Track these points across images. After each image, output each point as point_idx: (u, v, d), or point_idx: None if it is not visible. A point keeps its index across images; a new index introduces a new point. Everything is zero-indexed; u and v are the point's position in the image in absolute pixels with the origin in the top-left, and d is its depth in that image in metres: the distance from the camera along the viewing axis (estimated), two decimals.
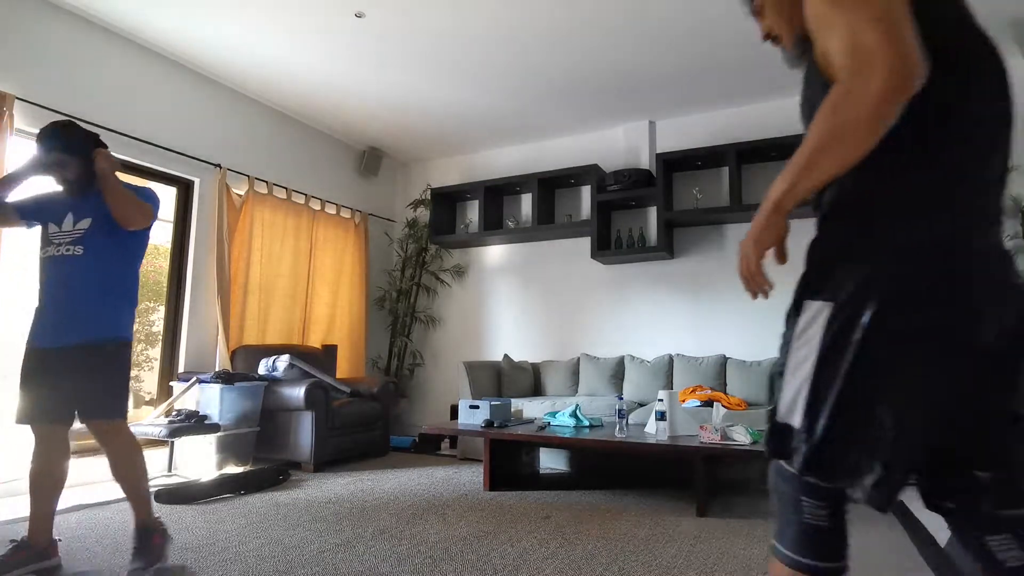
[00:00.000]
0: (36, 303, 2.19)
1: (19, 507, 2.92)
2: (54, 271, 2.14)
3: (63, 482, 2.23)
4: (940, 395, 0.85)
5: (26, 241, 3.56)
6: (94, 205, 2.15)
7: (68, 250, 2.12)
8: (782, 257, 1.06)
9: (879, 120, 0.79)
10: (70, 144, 2.14)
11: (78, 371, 2.09)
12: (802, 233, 1.17)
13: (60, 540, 2.24)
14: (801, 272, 1.01)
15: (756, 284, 1.03)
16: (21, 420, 2.14)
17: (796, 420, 0.92)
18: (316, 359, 4.57)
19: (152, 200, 2.27)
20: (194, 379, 3.76)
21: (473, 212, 5.66)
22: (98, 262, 2.13)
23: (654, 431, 3.21)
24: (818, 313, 0.92)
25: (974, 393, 0.85)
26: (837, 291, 0.90)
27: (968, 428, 0.87)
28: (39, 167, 2.18)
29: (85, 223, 2.14)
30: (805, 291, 0.98)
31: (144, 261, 2.36)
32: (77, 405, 2.12)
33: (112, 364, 2.15)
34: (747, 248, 1.01)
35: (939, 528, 2.66)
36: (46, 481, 2.19)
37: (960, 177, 0.87)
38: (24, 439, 3.40)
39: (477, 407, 3.67)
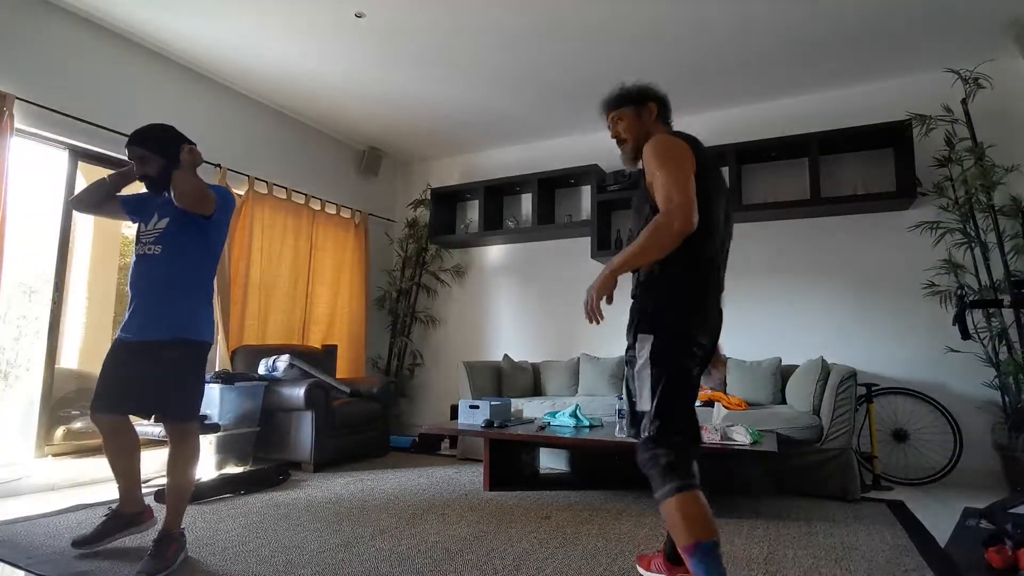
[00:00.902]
0: (128, 299, 2.30)
1: (19, 507, 2.93)
2: (139, 269, 2.26)
3: (139, 457, 2.36)
4: (685, 394, 1.75)
5: (28, 258, 3.56)
6: (172, 205, 2.24)
7: (150, 249, 2.24)
8: (610, 299, 1.71)
9: (673, 243, 1.58)
10: (151, 141, 2.27)
11: (153, 368, 2.18)
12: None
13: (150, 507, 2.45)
14: (633, 317, 1.77)
15: (594, 317, 1.68)
16: (98, 409, 2.22)
17: (646, 407, 1.66)
18: (316, 359, 4.57)
19: (220, 193, 2.34)
20: None
21: (473, 212, 5.66)
22: (173, 261, 2.23)
23: None
24: (645, 341, 1.68)
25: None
26: (656, 330, 1.68)
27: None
28: (130, 167, 2.34)
29: (164, 223, 2.25)
30: (639, 329, 1.72)
31: None
32: (153, 404, 2.23)
33: (187, 366, 2.23)
34: (592, 294, 1.67)
35: (939, 528, 2.66)
36: (123, 460, 2.32)
37: (702, 275, 1.74)
38: (25, 438, 3.41)
39: (477, 407, 3.67)
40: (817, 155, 4.10)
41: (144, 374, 2.19)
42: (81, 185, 3.62)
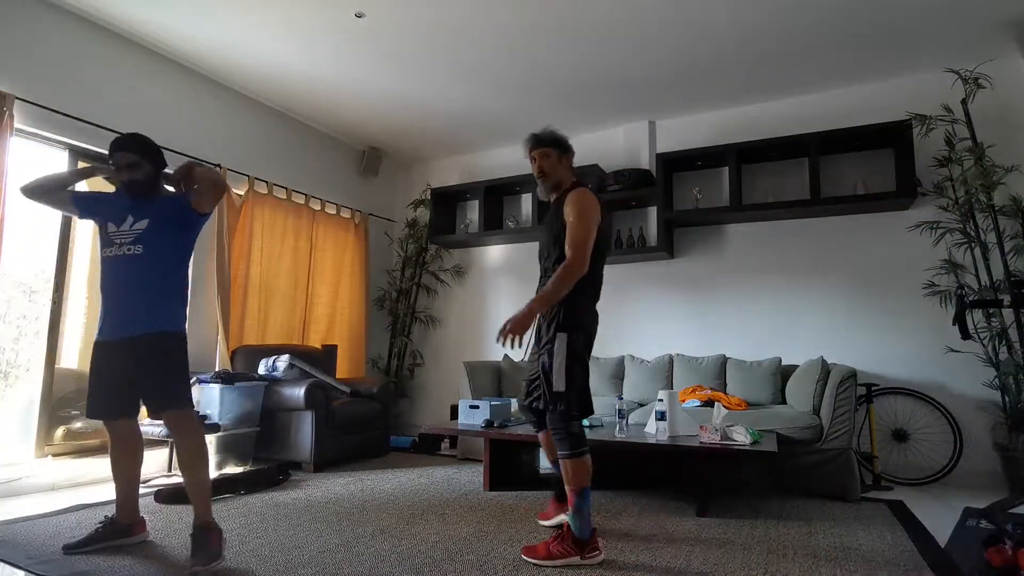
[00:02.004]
0: (100, 301, 2.34)
1: (19, 507, 2.93)
2: (115, 269, 2.30)
3: (140, 464, 2.44)
4: (586, 377, 2.32)
5: (21, 263, 3.56)
6: (153, 208, 2.33)
7: (129, 249, 2.28)
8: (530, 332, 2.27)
9: (576, 280, 2.23)
10: (146, 149, 2.36)
11: (140, 362, 2.23)
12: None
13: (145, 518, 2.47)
14: (551, 319, 2.31)
15: (514, 345, 2.15)
16: (91, 415, 2.33)
17: (561, 388, 2.22)
18: (316, 359, 4.57)
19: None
20: (194, 379, 3.76)
21: (473, 212, 5.66)
22: (156, 260, 2.29)
23: (654, 431, 3.21)
24: (562, 338, 2.26)
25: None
26: (569, 330, 2.27)
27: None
28: (107, 167, 2.40)
29: (143, 224, 2.30)
30: (558, 328, 2.27)
31: None
32: (145, 399, 2.30)
33: (172, 355, 2.29)
34: (515, 326, 2.15)
35: (939, 528, 2.66)
36: (124, 465, 2.38)
37: (595, 291, 2.41)
38: (25, 438, 3.41)
39: (477, 407, 3.67)
40: (817, 155, 4.10)
41: (129, 371, 2.25)
42: (81, 185, 3.63)
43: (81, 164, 3.70)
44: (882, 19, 3.52)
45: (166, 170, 2.42)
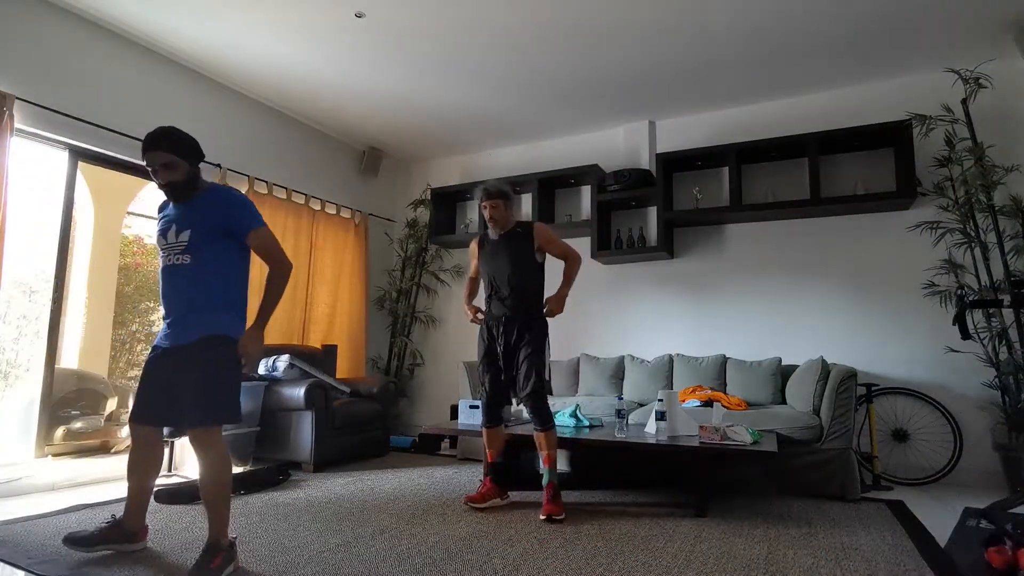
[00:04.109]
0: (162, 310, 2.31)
1: (19, 507, 2.93)
2: (167, 280, 2.25)
3: (157, 475, 2.38)
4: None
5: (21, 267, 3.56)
6: (195, 215, 2.21)
7: (179, 259, 2.21)
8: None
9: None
10: (179, 144, 2.19)
11: (185, 371, 2.15)
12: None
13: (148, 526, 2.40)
14: (533, 316, 3.01)
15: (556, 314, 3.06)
16: (132, 419, 2.26)
17: (548, 375, 2.97)
18: (316, 359, 4.57)
19: (251, 209, 2.32)
20: None
21: (473, 212, 5.66)
22: (204, 269, 2.21)
23: (654, 431, 3.21)
24: (544, 328, 3.03)
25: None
26: (544, 325, 3.04)
27: None
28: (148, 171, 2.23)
29: (186, 235, 2.20)
30: (540, 322, 3.02)
31: (144, 261, 2.39)
32: (191, 406, 2.13)
33: (219, 363, 2.18)
34: (561, 305, 3.05)
35: (939, 528, 2.66)
36: (141, 472, 2.31)
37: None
38: (25, 438, 3.41)
39: (477, 407, 3.67)
40: (817, 155, 4.10)
41: (173, 380, 2.18)
42: (81, 185, 3.62)
43: (81, 164, 3.71)
44: (882, 19, 3.51)
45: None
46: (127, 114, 3.82)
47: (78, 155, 3.68)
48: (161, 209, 2.38)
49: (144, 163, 2.19)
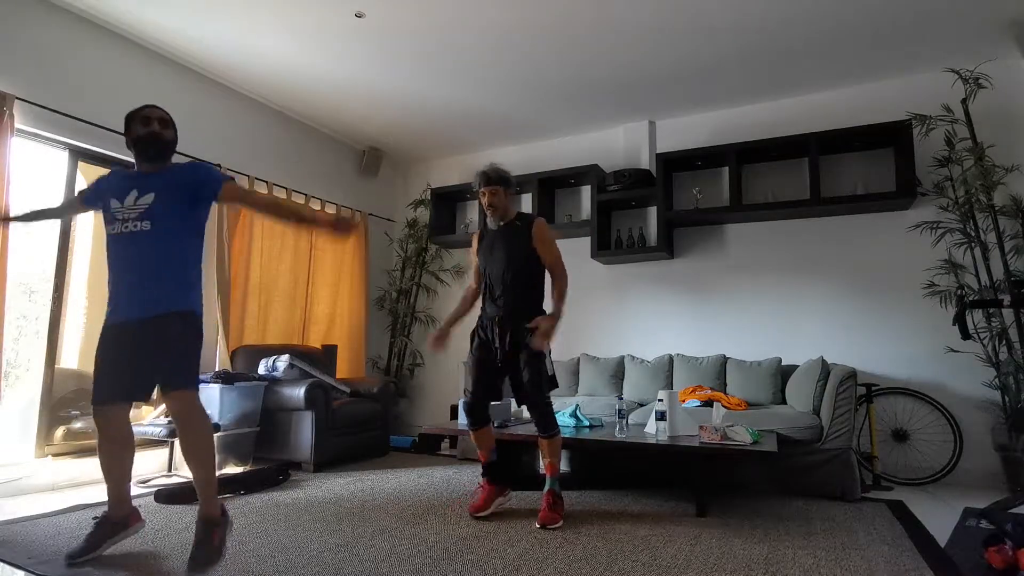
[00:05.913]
0: (109, 281, 2.21)
1: (19, 507, 2.93)
2: (121, 248, 2.17)
3: (132, 459, 2.31)
4: None
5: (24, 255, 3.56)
6: (160, 180, 2.20)
7: (135, 226, 2.14)
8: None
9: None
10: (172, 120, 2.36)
11: (150, 346, 2.10)
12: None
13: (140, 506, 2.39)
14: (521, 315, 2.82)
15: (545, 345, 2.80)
16: (95, 400, 2.16)
17: (551, 371, 2.81)
18: (316, 359, 4.57)
19: (214, 173, 2.35)
20: None
21: (473, 212, 5.66)
22: (166, 236, 2.16)
23: (654, 431, 3.21)
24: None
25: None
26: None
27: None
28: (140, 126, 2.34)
29: (148, 198, 2.16)
30: (525, 324, 2.77)
31: None
32: (157, 377, 2.13)
33: (185, 337, 2.16)
34: (551, 333, 2.73)
35: (939, 528, 2.66)
36: (115, 462, 2.26)
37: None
38: (25, 438, 3.41)
39: None
40: (817, 155, 4.10)
41: (137, 355, 2.11)
42: (81, 185, 3.63)
43: (81, 164, 3.70)
44: (882, 19, 3.52)
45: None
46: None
47: (78, 155, 3.67)
48: (105, 179, 2.35)
49: (142, 115, 2.28)
